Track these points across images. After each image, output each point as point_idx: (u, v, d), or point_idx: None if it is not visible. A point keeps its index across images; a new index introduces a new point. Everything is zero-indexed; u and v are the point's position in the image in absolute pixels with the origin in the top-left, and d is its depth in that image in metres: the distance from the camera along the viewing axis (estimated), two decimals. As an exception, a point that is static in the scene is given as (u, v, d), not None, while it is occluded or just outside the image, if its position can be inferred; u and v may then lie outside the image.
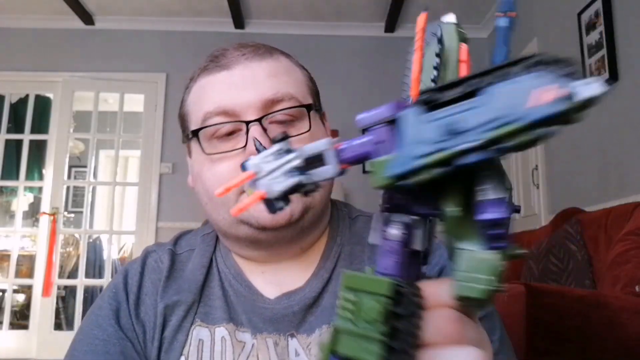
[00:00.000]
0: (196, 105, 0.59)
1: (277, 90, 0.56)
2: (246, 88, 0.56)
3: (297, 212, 0.56)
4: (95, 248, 4.30)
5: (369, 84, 3.90)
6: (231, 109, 0.56)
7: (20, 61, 3.81)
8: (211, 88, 0.58)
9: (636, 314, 1.14)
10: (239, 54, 0.59)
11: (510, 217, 0.26)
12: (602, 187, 2.39)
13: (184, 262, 0.64)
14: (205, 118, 0.57)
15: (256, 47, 0.61)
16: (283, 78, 0.58)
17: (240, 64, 0.58)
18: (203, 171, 0.59)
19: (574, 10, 2.60)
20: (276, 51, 0.62)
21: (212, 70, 0.58)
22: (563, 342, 0.76)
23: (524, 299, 1.09)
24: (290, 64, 0.62)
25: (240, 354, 0.56)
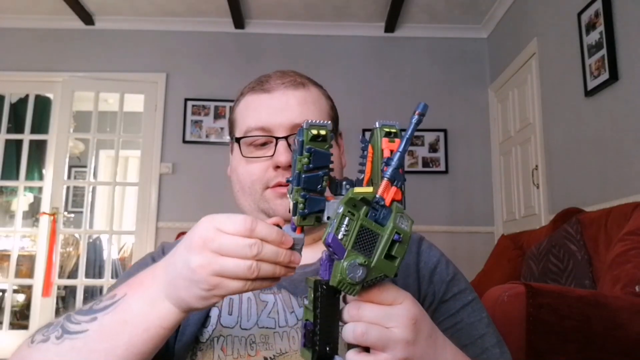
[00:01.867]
0: (242, 116, 0.78)
1: (303, 117, 0.72)
2: (281, 111, 0.74)
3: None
4: (95, 248, 4.30)
5: (369, 84, 3.90)
6: (267, 127, 0.74)
7: (20, 61, 3.81)
8: (255, 106, 0.76)
9: (636, 314, 1.14)
10: (280, 82, 0.76)
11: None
12: (602, 187, 2.39)
13: None
14: (247, 130, 0.75)
15: (294, 78, 0.77)
16: (310, 107, 0.75)
17: (279, 91, 0.75)
18: (239, 167, 0.77)
19: (574, 10, 2.60)
20: (309, 83, 0.79)
21: (258, 92, 0.77)
22: (563, 342, 0.76)
23: (524, 299, 1.09)
24: (319, 95, 0.79)
25: (263, 310, 0.70)
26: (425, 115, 0.51)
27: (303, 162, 0.50)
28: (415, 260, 0.75)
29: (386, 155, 0.50)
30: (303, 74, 0.80)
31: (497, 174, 3.75)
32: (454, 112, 3.87)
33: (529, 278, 2.12)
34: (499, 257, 2.77)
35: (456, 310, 0.72)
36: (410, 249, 0.76)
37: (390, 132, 0.52)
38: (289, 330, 0.68)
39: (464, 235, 3.65)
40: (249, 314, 0.69)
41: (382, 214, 0.47)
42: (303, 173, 0.50)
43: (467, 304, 0.74)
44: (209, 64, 3.87)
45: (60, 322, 0.56)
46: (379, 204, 0.47)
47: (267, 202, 0.74)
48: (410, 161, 3.79)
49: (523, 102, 3.32)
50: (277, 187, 0.73)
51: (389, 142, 0.51)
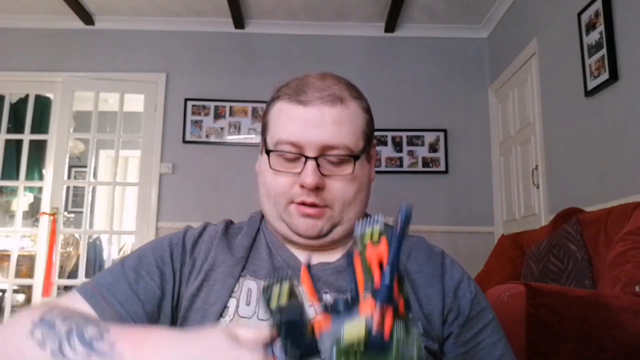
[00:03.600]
0: (274, 123, 0.75)
1: (335, 139, 0.71)
2: (314, 128, 0.71)
3: (325, 229, 0.73)
4: (95, 248, 4.30)
5: (369, 84, 3.89)
6: (298, 143, 0.71)
7: (20, 61, 3.81)
8: (289, 118, 0.73)
9: (636, 314, 1.14)
10: (317, 95, 0.72)
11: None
12: (602, 187, 2.39)
13: (236, 233, 0.81)
14: (278, 142, 0.72)
15: (333, 91, 0.73)
16: (345, 126, 0.72)
17: (315, 106, 0.71)
18: (267, 175, 0.75)
19: (574, 10, 2.60)
20: (348, 96, 0.74)
21: (293, 102, 0.73)
22: (563, 342, 0.76)
23: (524, 299, 1.09)
24: (356, 110, 0.75)
25: None
26: (410, 219, 0.46)
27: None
28: (440, 272, 0.75)
29: (375, 266, 0.45)
30: (345, 82, 0.77)
31: (497, 174, 3.75)
32: (454, 112, 3.87)
33: (529, 278, 2.12)
34: (499, 257, 2.77)
35: (479, 330, 0.74)
36: (434, 261, 0.76)
37: (373, 235, 0.47)
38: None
39: (464, 235, 3.65)
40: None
41: (382, 346, 0.42)
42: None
43: (488, 323, 0.75)
44: (209, 64, 3.87)
45: (62, 334, 0.56)
46: (376, 343, 0.42)
47: (290, 216, 0.74)
48: (410, 161, 3.79)
49: (523, 102, 3.32)
50: (301, 205, 0.72)
51: (373, 247, 0.47)
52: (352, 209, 0.74)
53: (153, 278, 0.72)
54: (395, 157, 3.79)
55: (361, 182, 0.75)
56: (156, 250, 0.75)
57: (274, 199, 0.74)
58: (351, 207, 0.74)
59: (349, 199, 0.73)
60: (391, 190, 3.76)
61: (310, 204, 0.71)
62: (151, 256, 0.74)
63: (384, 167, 3.78)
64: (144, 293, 0.70)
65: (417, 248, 0.78)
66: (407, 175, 3.79)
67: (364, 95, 0.79)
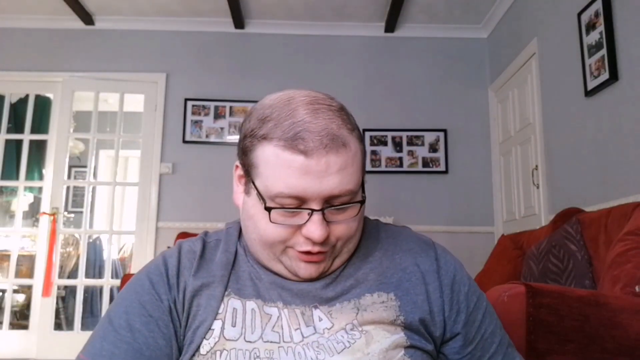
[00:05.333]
0: (269, 172, 0.65)
1: (342, 187, 0.64)
2: (318, 179, 0.63)
3: (326, 268, 0.69)
4: (95, 248, 4.30)
5: (369, 84, 3.90)
6: (301, 195, 0.63)
7: (20, 61, 3.81)
8: (287, 168, 0.63)
9: (636, 314, 1.14)
10: (318, 140, 0.63)
11: None
12: (602, 187, 2.39)
13: (214, 248, 0.75)
14: (278, 196, 0.64)
15: (334, 134, 0.64)
16: (349, 171, 0.65)
17: (319, 155, 0.63)
18: (261, 222, 0.67)
19: (574, 10, 2.60)
20: (348, 136, 0.66)
21: (290, 150, 0.63)
22: (563, 342, 0.76)
23: (524, 299, 1.09)
24: (357, 148, 0.67)
25: (267, 323, 0.67)
26: None
27: None
28: (435, 267, 0.73)
29: None
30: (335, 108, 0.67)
31: (497, 174, 3.75)
32: (454, 112, 3.87)
33: (529, 278, 2.12)
34: (499, 257, 2.77)
35: (480, 322, 0.74)
36: (428, 254, 0.74)
37: None
38: (294, 346, 0.66)
39: (464, 235, 3.65)
40: (253, 325, 0.67)
41: None
42: None
43: (485, 311, 0.75)
44: (209, 64, 3.87)
45: None
46: None
47: (289, 259, 0.68)
48: (410, 161, 3.79)
49: (523, 102, 3.32)
50: (305, 254, 0.66)
51: None
52: (353, 241, 0.71)
53: (150, 329, 0.66)
54: (395, 157, 3.79)
55: (362, 217, 0.71)
56: (141, 295, 0.69)
57: (270, 245, 0.67)
58: (352, 239, 0.70)
59: (352, 235, 0.69)
60: (391, 190, 3.76)
61: (317, 254, 0.67)
62: (137, 305, 0.68)
63: (384, 167, 3.78)
64: (147, 349, 0.65)
65: (407, 240, 0.76)
66: (407, 175, 3.79)
67: (352, 115, 0.71)
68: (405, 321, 0.68)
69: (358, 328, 0.66)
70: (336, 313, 0.68)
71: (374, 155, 3.79)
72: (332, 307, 0.68)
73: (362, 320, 0.67)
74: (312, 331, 0.66)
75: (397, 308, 0.69)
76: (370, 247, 0.75)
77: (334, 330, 0.66)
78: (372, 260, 0.73)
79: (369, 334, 0.66)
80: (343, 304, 0.69)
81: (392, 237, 0.76)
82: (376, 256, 0.74)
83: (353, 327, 0.66)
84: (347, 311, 0.68)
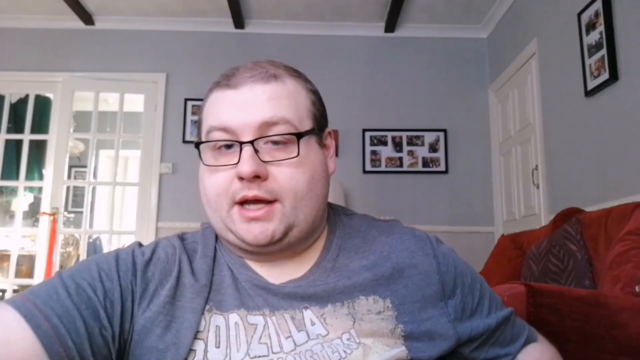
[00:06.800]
0: (206, 116, 0.65)
1: (273, 114, 0.61)
2: (246, 109, 0.61)
3: (278, 233, 0.62)
4: (95, 248, 4.30)
5: (369, 84, 3.90)
6: (230, 127, 0.61)
7: (20, 61, 3.81)
8: (218, 104, 0.63)
9: (636, 314, 1.14)
10: (247, 75, 0.63)
11: None
12: (602, 187, 2.39)
13: (192, 252, 0.69)
14: (208, 131, 0.63)
15: (265, 69, 0.64)
16: (283, 102, 0.62)
17: (246, 86, 0.62)
18: (204, 177, 0.65)
19: (574, 10, 2.60)
20: (285, 74, 0.65)
21: (223, 88, 0.64)
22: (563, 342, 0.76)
23: (524, 299, 1.09)
24: (297, 88, 0.65)
25: (252, 335, 0.61)
26: None
27: None
28: (435, 266, 0.68)
29: None
30: (281, 64, 0.67)
31: (497, 174, 3.75)
32: (454, 112, 3.87)
33: (529, 278, 2.12)
34: (499, 257, 2.77)
35: (488, 307, 0.71)
36: (425, 252, 0.69)
37: None
38: (285, 356, 0.60)
39: (464, 235, 3.65)
40: (238, 342, 0.60)
41: None
42: None
43: (489, 294, 0.73)
44: (209, 64, 3.87)
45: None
46: None
47: (233, 222, 0.62)
48: (410, 161, 3.79)
49: (523, 102, 3.32)
50: (243, 203, 0.61)
51: None
52: (307, 204, 0.62)
53: (96, 293, 0.58)
54: (395, 157, 3.79)
55: (313, 169, 0.63)
56: (100, 262, 0.62)
57: (214, 204, 0.63)
58: (305, 201, 0.62)
59: (301, 189, 0.61)
60: (391, 190, 3.77)
61: (253, 199, 0.60)
62: (94, 267, 0.61)
63: (384, 167, 3.78)
64: (86, 308, 0.56)
65: (401, 238, 0.70)
66: (407, 175, 3.79)
67: (310, 80, 0.69)
68: (405, 330, 0.63)
69: (355, 340, 0.61)
70: (330, 318, 0.62)
71: (374, 155, 3.79)
72: (325, 309, 0.63)
73: (359, 331, 0.62)
74: (305, 337, 0.61)
75: (394, 319, 0.64)
76: (363, 245, 0.69)
77: (329, 338, 0.61)
78: (366, 262, 0.67)
79: (367, 347, 0.61)
80: (336, 305, 0.63)
81: (385, 234, 0.71)
82: (370, 257, 0.68)
83: (350, 338, 0.61)
84: (342, 317, 0.63)
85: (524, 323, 0.77)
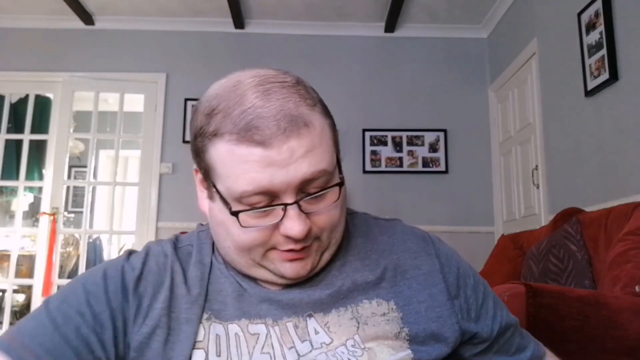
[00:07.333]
0: (229, 172, 0.56)
1: (313, 169, 0.56)
2: (285, 167, 0.54)
3: (315, 263, 0.62)
4: (95, 248, 4.30)
5: (369, 84, 3.90)
6: (270, 190, 0.55)
7: (20, 61, 3.81)
8: (247, 163, 0.54)
9: (636, 314, 1.14)
10: (274, 125, 0.54)
11: None
12: (602, 187, 2.39)
13: (186, 258, 0.66)
14: (242, 197, 0.56)
15: (290, 113, 0.55)
16: (318, 152, 0.56)
17: (279, 142, 0.54)
18: (231, 226, 0.58)
19: (574, 10, 2.60)
20: (307, 111, 0.57)
21: (248, 144, 0.54)
22: (563, 342, 0.76)
23: (524, 299, 1.09)
24: (322, 124, 0.58)
25: (254, 346, 0.59)
26: None
27: None
28: (438, 267, 0.67)
29: None
30: (289, 85, 0.58)
31: (497, 174, 3.75)
32: (454, 112, 3.87)
33: (529, 278, 2.12)
34: (499, 257, 2.77)
35: (494, 310, 0.70)
36: (427, 252, 0.68)
37: None
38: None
39: (464, 235, 3.65)
40: (239, 353, 0.59)
41: None
42: None
43: (493, 296, 0.72)
44: (209, 64, 3.86)
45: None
46: None
47: (271, 262, 0.60)
48: (410, 161, 3.79)
49: (523, 102, 3.32)
50: (288, 252, 0.59)
51: None
52: (339, 230, 0.63)
53: (85, 319, 0.57)
54: (395, 157, 3.79)
55: (344, 199, 0.63)
56: (87, 284, 0.60)
57: (248, 252, 0.59)
58: (338, 228, 0.62)
59: (337, 222, 0.61)
60: (391, 190, 3.76)
61: (300, 251, 0.59)
62: (81, 291, 0.59)
63: (384, 167, 3.78)
64: (76, 338, 0.56)
65: (403, 238, 0.70)
66: (407, 175, 3.79)
67: (310, 86, 0.61)
68: (410, 333, 0.62)
69: (360, 346, 0.60)
70: (334, 326, 0.61)
71: (374, 155, 3.79)
72: (328, 316, 0.62)
73: (364, 336, 0.61)
74: (309, 347, 0.60)
75: (399, 320, 0.62)
76: (365, 246, 0.68)
77: (334, 346, 0.60)
78: (369, 263, 0.66)
79: (372, 351, 0.60)
80: (340, 311, 0.62)
81: (387, 234, 0.70)
82: (373, 257, 0.67)
83: (355, 344, 0.60)
84: (345, 323, 0.61)
85: (531, 337, 0.76)
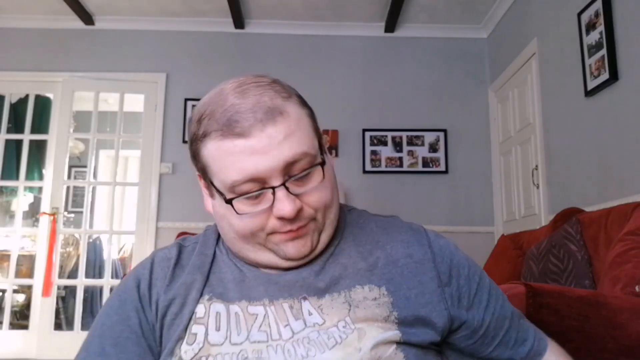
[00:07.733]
0: (217, 166, 0.64)
1: (294, 152, 0.62)
2: (267, 155, 0.61)
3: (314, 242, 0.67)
4: (95, 248, 4.30)
5: (369, 84, 3.90)
6: (257, 176, 0.62)
7: (20, 61, 3.81)
8: (234, 156, 0.62)
9: (636, 314, 1.14)
10: (252, 117, 0.62)
11: None
12: (602, 187, 2.39)
13: (191, 252, 0.74)
14: (234, 186, 0.63)
15: (265, 103, 0.63)
16: (297, 135, 0.63)
17: (257, 131, 0.62)
18: (232, 219, 0.66)
19: (574, 10, 2.60)
20: (281, 102, 0.64)
21: (230, 137, 0.62)
22: (563, 342, 0.76)
23: (523, 299, 1.09)
24: (297, 111, 0.65)
25: (252, 324, 0.65)
26: None
27: None
28: (430, 256, 0.70)
29: None
30: (265, 82, 0.66)
31: (497, 174, 3.75)
32: (454, 112, 3.87)
33: (529, 278, 2.12)
34: (499, 257, 2.77)
35: (487, 301, 0.72)
36: (420, 242, 0.72)
37: None
38: (284, 343, 0.63)
39: (464, 235, 3.65)
40: (238, 328, 0.65)
41: None
42: None
43: (490, 288, 0.73)
44: (209, 64, 3.87)
45: None
46: None
47: (275, 244, 0.66)
48: (410, 161, 3.79)
49: (523, 102, 3.32)
50: (288, 233, 0.65)
51: None
52: (333, 210, 0.69)
53: (120, 351, 0.66)
54: (395, 157, 3.79)
55: (332, 180, 0.69)
56: (110, 317, 0.69)
57: (250, 237, 0.66)
58: (332, 208, 0.68)
59: (329, 202, 0.67)
60: (391, 190, 3.76)
61: (298, 230, 0.65)
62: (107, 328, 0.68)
63: (384, 167, 3.78)
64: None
65: (399, 231, 0.73)
66: (407, 175, 3.79)
67: (286, 84, 0.69)
68: (399, 316, 0.65)
69: (351, 326, 0.64)
70: (327, 308, 0.65)
71: (374, 155, 3.79)
72: (322, 300, 0.66)
73: (354, 318, 0.64)
74: (302, 325, 0.64)
75: (389, 304, 0.66)
76: (361, 236, 0.73)
77: (326, 326, 0.64)
78: (362, 251, 0.70)
79: (362, 330, 0.64)
80: (333, 295, 0.66)
81: (384, 227, 0.74)
82: (367, 247, 0.71)
83: (346, 325, 0.64)
84: (338, 306, 0.65)
85: (535, 332, 0.76)
